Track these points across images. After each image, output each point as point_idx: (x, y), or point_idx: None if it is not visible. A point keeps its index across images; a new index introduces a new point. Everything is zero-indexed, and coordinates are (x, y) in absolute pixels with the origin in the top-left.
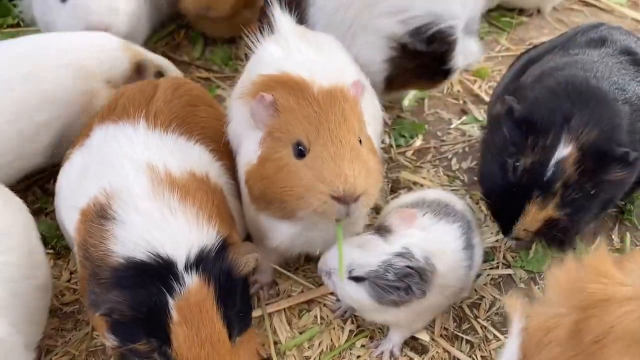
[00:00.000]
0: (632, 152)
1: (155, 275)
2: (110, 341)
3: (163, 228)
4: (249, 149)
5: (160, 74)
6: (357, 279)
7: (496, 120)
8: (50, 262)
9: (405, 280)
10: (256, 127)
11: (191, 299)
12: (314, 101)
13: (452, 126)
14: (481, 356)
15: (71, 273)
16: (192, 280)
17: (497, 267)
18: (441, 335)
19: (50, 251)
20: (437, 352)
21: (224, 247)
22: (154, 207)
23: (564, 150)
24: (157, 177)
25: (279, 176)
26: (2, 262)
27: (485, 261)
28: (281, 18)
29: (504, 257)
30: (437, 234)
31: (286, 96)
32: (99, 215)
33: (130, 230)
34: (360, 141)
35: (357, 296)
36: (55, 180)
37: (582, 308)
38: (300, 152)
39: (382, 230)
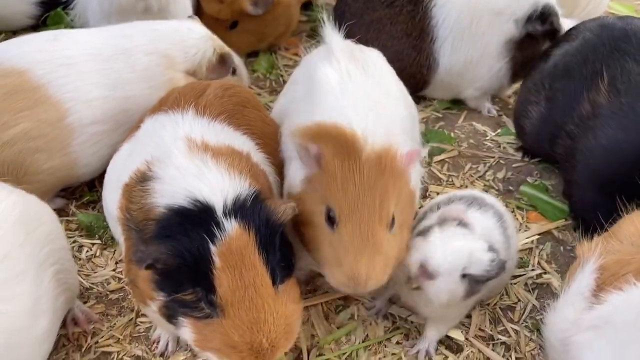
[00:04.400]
0: None
1: (196, 222)
2: (157, 298)
3: (199, 177)
4: (294, 174)
5: (233, 71)
6: (464, 276)
7: None
8: (97, 252)
9: (499, 273)
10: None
11: (232, 245)
12: (358, 171)
13: (487, 138)
14: (516, 357)
15: (116, 263)
16: (231, 227)
17: (533, 271)
18: (476, 336)
19: (97, 241)
20: (471, 351)
21: (258, 197)
22: (190, 163)
23: None
24: (194, 144)
25: (308, 229)
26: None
27: (520, 267)
28: (333, 37)
29: (539, 263)
30: (484, 225)
31: (332, 155)
32: (139, 181)
33: (169, 182)
34: (392, 219)
35: (454, 292)
36: (104, 174)
37: None
38: (330, 219)
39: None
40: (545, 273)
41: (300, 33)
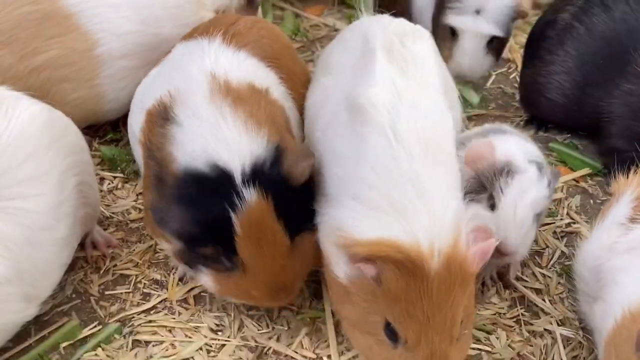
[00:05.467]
0: None
1: (216, 190)
2: (175, 244)
3: (218, 137)
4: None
5: None
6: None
7: None
8: (119, 184)
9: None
10: None
11: (252, 216)
12: (427, 294)
13: (515, 100)
14: (549, 300)
15: (137, 195)
16: (250, 195)
17: (561, 220)
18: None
19: (120, 175)
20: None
21: (277, 156)
22: (210, 114)
23: None
24: (216, 84)
25: (353, 329)
26: (20, 208)
27: (548, 216)
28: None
29: (568, 214)
30: (518, 146)
31: (394, 277)
32: (160, 116)
33: (189, 135)
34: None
35: (530, 241)
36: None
37: None
38: (391, 332)
39: None
40: (574, 223)
41: None
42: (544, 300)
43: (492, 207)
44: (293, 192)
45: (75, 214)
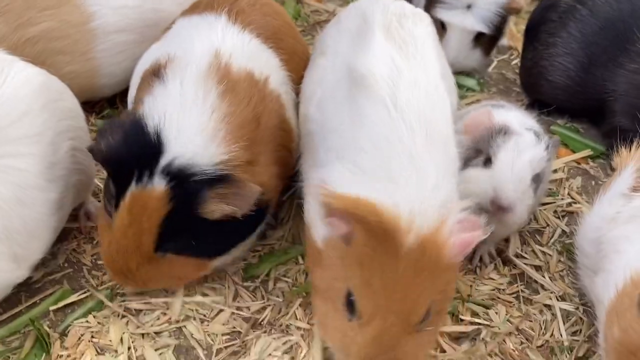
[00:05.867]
0: None
1: (143, 154)
2: None
3: (185, 120)
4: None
5: None
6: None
7: None
8: None
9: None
10: None
11: (142, 200)
12: (393, 269)
13: (517, 84)
14: (549, 277)
15: None
16: (156, 185)
17: (562, 200)
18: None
19: None
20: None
21: (211, 180)
22: (193, 94)
23: None
24: (216, 66)
25: (318, 295)
26: (11, 167)
27: (549, 195)
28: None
29: (569, 194)
30: (515, 116)
31: (364, 242)
32: (153, 73)
33: (164, 96)
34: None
35: (530, 204)
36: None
37: None
38: (350, 303)
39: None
40: (575, 203)
41: None
42: (543, 276)
43: (487, 164)
44: (200, 219)
45: (68, 178)
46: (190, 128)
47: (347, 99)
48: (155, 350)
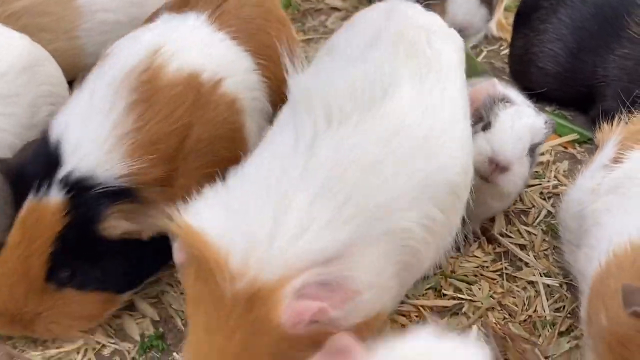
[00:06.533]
0: None
1: (42, 166)
2: None
3: (83, 128)
4: None
5: None
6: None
7: None
8: None
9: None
10: None
11: (39, 210)
12: (218, 312)
13: (505, 73)
14: (533, 255)
15: None
16: (56, 195)
17: (548, 182)
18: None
19: None
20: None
21: (113, 193)
22: (102, 97)
23: None
24: (141, 69)
25: None
26: None
27: (535, 178)
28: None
29: (555, 177)
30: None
31: (196, 272)
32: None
33: (75, 100)
34: None
35: (525, 173)
36: None
37: None
38: None
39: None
40: (561, 185)
41: None
42: (528, 255)
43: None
44: (94, 240)
45: None
46: (92, 139)
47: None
48: None
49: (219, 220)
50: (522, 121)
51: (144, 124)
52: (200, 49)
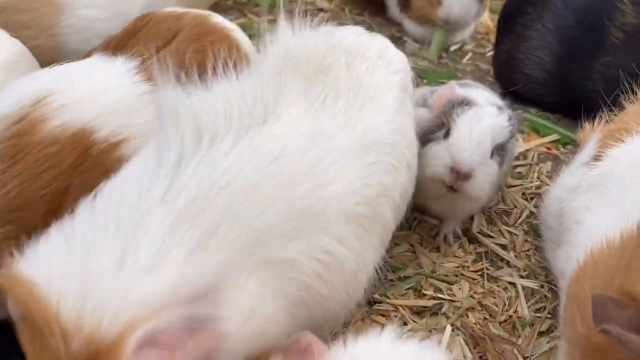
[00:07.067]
0: None
1: None
2: None
3: None
4: None
5: None
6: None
7: None
8: None
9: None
10: None
11: None
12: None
13: (490, 74)
14: (514, 255)
15: None
16: None
17: (531, 183)
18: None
19: None
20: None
21: None
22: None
23: None
24: (19, 117)
25: None
26: None
27: (518, 179)
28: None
29: (538, 177)
30: (476, 92)
31: (28, 328)
32: None
33: None
34: None
35: (491, 174)
36: None
37: None
38: None
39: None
40: (544, 185)
41: None
42: (508, 254)
43: (447, 136)
44: None
45: None
46: None
47: None
48: None
49: (55, 265)
50: (480, 125)
51: (1, 185)
52: (105, 103)
